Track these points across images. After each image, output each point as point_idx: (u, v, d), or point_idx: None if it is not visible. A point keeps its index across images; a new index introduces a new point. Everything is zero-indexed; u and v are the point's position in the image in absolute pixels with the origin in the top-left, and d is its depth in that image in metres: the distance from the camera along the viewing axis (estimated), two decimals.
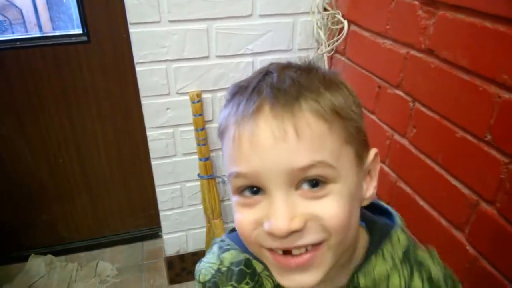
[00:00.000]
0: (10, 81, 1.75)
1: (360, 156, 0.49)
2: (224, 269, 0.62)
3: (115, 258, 2.15)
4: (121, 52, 1.76)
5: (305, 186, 0.45)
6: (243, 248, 0.60)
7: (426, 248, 0.59)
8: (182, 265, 1.92)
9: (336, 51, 1.48)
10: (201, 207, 1.77)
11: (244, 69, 1.52)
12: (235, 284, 0.61)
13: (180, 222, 1.81)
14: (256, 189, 0.46)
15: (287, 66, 0.49)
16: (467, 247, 0.94)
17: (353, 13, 1.34)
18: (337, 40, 1.40)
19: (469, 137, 0.90)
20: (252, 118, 0.44)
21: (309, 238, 0.46)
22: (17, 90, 1.77)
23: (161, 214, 1.77)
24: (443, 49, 0.94)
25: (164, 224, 1.80)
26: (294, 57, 1.54)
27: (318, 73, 0.49)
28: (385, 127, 1.21)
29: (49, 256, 2.11)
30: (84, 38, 1.75)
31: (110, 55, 1.78)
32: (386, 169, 1.22)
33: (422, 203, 1.08)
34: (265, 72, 0.49)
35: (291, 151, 0.43)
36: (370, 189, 0.53)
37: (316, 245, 0.46)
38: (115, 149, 2.00)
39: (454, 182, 0.96)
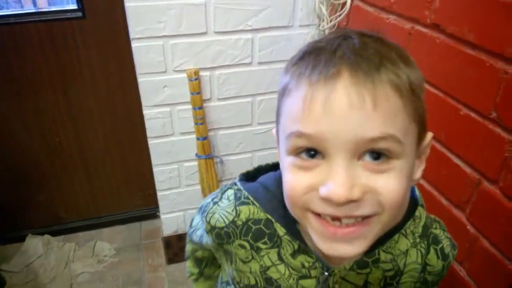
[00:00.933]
0: (5, 58, 1.71)
1: (420, 137, 0.49)
2: (239, 223, 0.61)
3: (113, 238, 2.15)
4: (117, 28, 1.72)
5: (368, 158, 0.44)
6: (265, 207, 0.60)
7: (436, 220, 0.64)
8: (180, 244, 1.91)
9: (338, 27, 1.44)
10: (199, 187, 1.75)
11: (243, 46, 1.48)
12: (251, 241, 0.60)
13: (178, 202, 1.79)
14: (313, 153, 0.45)
15: (364, 34, 0.47)
16: (468, 227, 0.93)
17: None
18: (339, 15, 1.36)
19: (473, 115, 0.88)
20: (330, 81, 0.43)
21: (364, 210, 0.45)
22: (12, 67, 1.74)
23: (159, 194, 1.75)
24: (449, 23, 0.91)
25: (161, 204, 1.78)
26: (294, 33, 1.50)
27: (393, 45, 0.47)
28: None
29: (47, 236, 2.10)
30: (79, 14, 1.70)
31: (106, 31, 1.74)
32: None
33: (421, 181, 1.07)
34: (344, 36, 0.47)
35: (365, 120, 0.42)
36: (418, 172, 0.53)
37: (366, 218, 0.46)
38: (112, 127, 1.97)
39: (456, 160, 0.94)
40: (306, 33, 1.52)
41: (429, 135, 0.52)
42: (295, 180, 0.47)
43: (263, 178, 0.64)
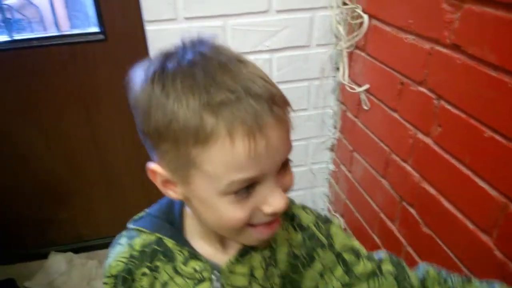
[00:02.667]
0: (29, 80, 1.76)
1: None
2: (136, 253, 0.64)
3: None
4: (138, 49, 1.75)
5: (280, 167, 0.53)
6: (152, 228, 0.65)
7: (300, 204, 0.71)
8: None
9: (356, 47, 1.43)
10: None
11: (262, 66, 1.47)
12: (149, 264, 0.64)
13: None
14: (250, 186, 0.50)
15: (208, 57, 0.50)
16: (495, 252, 0.90)
17: (374, 7, 1.29)
18: (357, 35, 1.36)
19: (497, 137, 0.86)
20: (263, 131, 0.47)
21: None
22: (36, 88, 1.77)
23: None
24: (469, 44, 0.90)
25: None
26: (312, 53, 1.50)
27: (233, 55, 0.53)
28: (408, 125, 1.17)
29: (69, 254, 2.11)
30: (101, 37, 1.74)
31: (126, 53, 1.77)
32: (409, 168, 1.18)
33: (447, 204, 1.04)
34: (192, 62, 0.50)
35: (288, 144, 0.52)
36: None
37: None
38: (132, 146, 1.99)
39: (481, 183, 0.92)
40: (324, 52, 1.52)
41: None
42: (237, 213, 0.52)
43: (149, 210, 0.69)
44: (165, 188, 0.57)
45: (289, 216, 0.68)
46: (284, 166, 0.53)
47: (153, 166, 0.55)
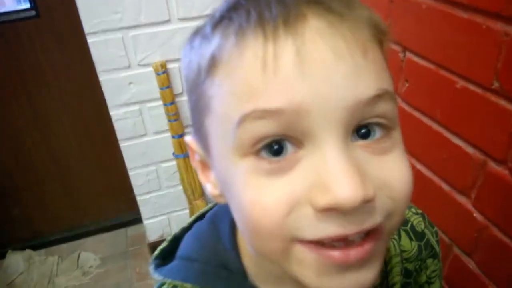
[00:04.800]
0: None
1: None
2: None
3: (97, 247, 2.04)
4: (74, 24, 1.58)
5: (362, 136, 0.31)
6: (199, 281, 0.42)
7: None
8: None
9: None
10: (181, 187, 1.64)
11: None
12: None
13: (160, 206, 1.68)
14: (278, 147, 0.30)
15: None
16: (474, 214, 0.82)
17: None
18: None
19: (471, 87, 0.76)
20: (294, 27, 0.29)
21: (377, 215, 0.31)
22: None
23: (138, 198, 1.64)
24: None
25: (143, 209, 1.67)
26: None
27: None
28: None
29: (28, 251, 2.01)
30: (33, 13, 1.56)
31: (63, 29, 1.60)
32: None
33: (419, 166, 0.96)
34: None
35: (357, 73, 0.30)
36: None
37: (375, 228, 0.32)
38: (83, 130, 1.85)
39: (455, 140, 0.83)
40: None
41: None
42: (265, 195, 0.31)
43: (182, 248, 0.46)
44: (204, 177, 0.40)
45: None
46: (367, 135, 0.31)
47: (188, 139, 0.40)
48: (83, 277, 1.89)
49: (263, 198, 0.31)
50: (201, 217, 0.48)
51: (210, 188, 0.39)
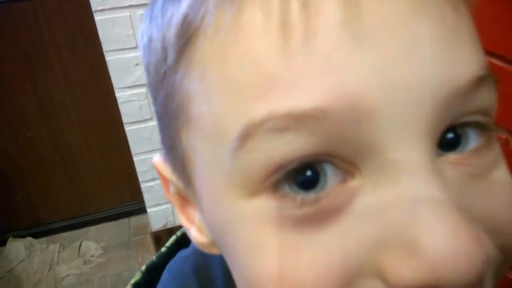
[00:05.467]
0: None
1: None
2: None
3: (100, 236, 2.01)
4: (80, 2, 1.56)
5: (447, 144, 0.19)
6: None
7: None
8: None
9: None
10: None
11: None
12: None
13: (164, 194, 1.65)
14: (313, 175, 0.18)
15: None
16: None
17: None
18: None
19: (494, 60, 0.72)
20: None
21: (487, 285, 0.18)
22: None
23: (142, 186, 1.61)
24: None
25: (146, 196, 1.64)
26: None
27: None
28: None
29: (29, 239, 1.98)
30: None
31: (69, 8, 1.58)
32: None
33: None
34: None
35: (448, 42, 0.18)
36: None
37: None
38: (87, 115, 1.83)
39: None
40: None
41: None
42: (295, 264, 0.18)
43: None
44: (184, 217, 0.27)
45: None
46: (455, 143, 0.19)
47: (156, 160, 0.27)
48: (84, 266, 1.87)
49: (293, 269, 0.18)
50: (183, 241, 0.36)
51: (194, 235, 0.26)
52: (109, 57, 1.30)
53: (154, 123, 1.47)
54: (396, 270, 0.16)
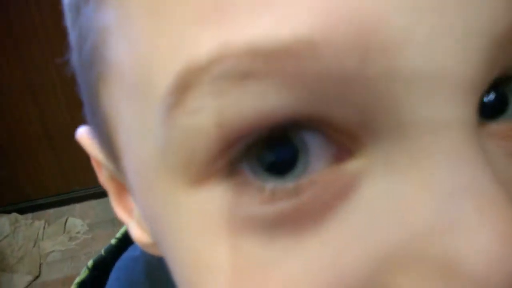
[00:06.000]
0: None
1: None
2: None
3: (86, 213, 2.01)
4: None
5: (490, 109, 0.13)
6: None
7: None
8: None
9: None
10: None
11: None
12: None
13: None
14: (291, 149, 0.12)
15: None
16: None
17: None
18: None
19: None
20: None
21: None
22: None
23: None
24: None
25: None
26: None
27: None
28: None
29: (14, 215, 1.98)
30: None
31: None
32: None
33: None
34: None
35: None
36: None
37: None
38: (75, 92, 1.79)
39: None
40: None
41: None
42: (265, 284, 0.12)
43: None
44: (121, 207, 0.22)
45: None
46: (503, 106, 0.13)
47: (81, 133, 0.22)
48: (69, 242, 1.87)
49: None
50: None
51: (135, 232, 0.20)
52: None
53: None
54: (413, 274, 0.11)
